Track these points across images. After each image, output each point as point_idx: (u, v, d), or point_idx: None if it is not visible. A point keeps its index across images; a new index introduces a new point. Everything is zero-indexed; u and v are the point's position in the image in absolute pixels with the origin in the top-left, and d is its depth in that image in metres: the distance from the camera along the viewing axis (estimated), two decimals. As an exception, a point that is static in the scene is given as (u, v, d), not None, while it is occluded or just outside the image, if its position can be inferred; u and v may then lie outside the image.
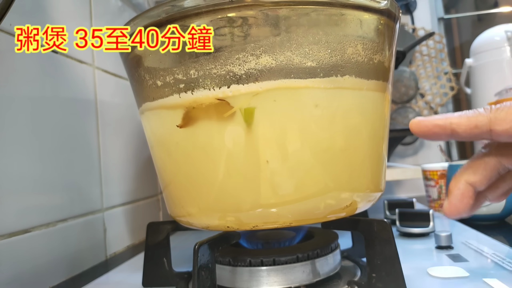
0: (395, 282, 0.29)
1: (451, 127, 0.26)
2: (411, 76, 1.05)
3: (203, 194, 0.29)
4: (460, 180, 0.27)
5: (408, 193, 1.01)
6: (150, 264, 0.37)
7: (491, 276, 0.32)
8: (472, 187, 0.27)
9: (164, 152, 0.32)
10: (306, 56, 0.27)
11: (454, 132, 0.26)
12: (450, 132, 0.26)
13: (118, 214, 0.57)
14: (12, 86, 0.38)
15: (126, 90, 0.60)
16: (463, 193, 0.27)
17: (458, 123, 0.26)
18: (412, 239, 0.48)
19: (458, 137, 0.27)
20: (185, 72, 0.28)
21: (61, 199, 0.45)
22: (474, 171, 0.27)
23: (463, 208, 0.27)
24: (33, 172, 0.41)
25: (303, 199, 0.28)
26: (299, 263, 0.32)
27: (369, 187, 0.31)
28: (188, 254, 0.38)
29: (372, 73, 0.29)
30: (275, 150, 0.27)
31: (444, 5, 1.18)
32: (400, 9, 0.32)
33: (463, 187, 0.27)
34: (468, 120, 0.26)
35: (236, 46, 0.26)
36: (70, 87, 0.47)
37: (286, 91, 0.27)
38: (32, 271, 0.40)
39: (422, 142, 1.10)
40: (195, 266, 0.27)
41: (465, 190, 0.27)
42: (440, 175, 0.68)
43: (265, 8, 0.26)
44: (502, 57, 0.87)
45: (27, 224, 0.39)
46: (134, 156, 0.62)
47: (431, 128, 0.27)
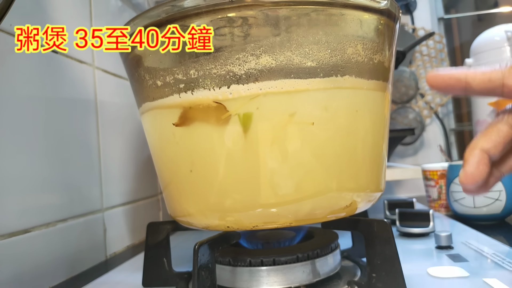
0: (395, 282, 0.29)
1: (466, 79, 0.27)
2: (411, 76, 1.05)
3: (203, 194, 0.29)
4: (474, 148, 0.27)
5: (408, 193, 1.01)
6: (150, 264, 0.37)
7: (491, 276, 0.32)
8: (487, 154, 0.27)
9: (164, 152, 0.32)
10: (306, 56, 0.27)
11: (468, 86, 0.27)
12: (464, 85, 0.27)
13: (118, 214, 0.57)
14: (12, 86, 0.38)
15: (126, 90, 0.60)
16: (479, 160, 0.27)
17: (473, 76, 0.27)
18: (412, 239, 0.48)
19: (472, 91, 0.27)
20: (185, 72, 0.28)
21: (61, 199, 0.45)
22: (488, 138, 0.27)
23: (479, 175, 0.26)
24: (33, 172, 0.41)
25: (303, 199, 0.28)
26: (299, 263, 0.32)
27: (369, 187, 0.31)
28: (188, 254, 0.38)
29: (372, 73, 0.29)
30: (275, 150, 0.27)
31: (444, 5, 1.18)
32: (400, 9, 0.32)
33: (478, 154, 0.27)
34: (483, 74, 0.26)
35: (236, 46, 0.26)
36: (70, 87, 0.47)
37: (285, 91, 0.27)
38: (32, 271, 0.40)
39: (422, 142, 1.10)
40: (195, 266, 0.27)
41: (480, 157, 0.27)
42: (440, 175, 0.68)
43: (265, 8, 0.26)
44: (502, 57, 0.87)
45: (27, 224, 0.39)
46: (134, 156, 0.62)
47: (447, 80, 0.27)
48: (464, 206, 0.59)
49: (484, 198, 0.58)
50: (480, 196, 0.58)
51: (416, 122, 1.07)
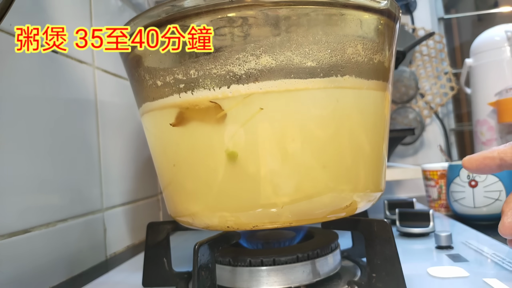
0: (395, 282, 0.29)
1: (499, 156, 0.29)
2: (411, 76, 1.05)
3: (203, 194, 0.29)
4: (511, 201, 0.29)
5: (408, 193, 1.01)
6: (150, 264, 0.37)
7: (491, 276, 0.32)
8: None
9: (164, 152, 0.32)
10: (306, 56, 0.27)
11: (503, 161, 0.29)
12: (499, 162, 0.30)
13: (118, 214, 0.57)
14: (12, 86, 0.38)
15: (126, 90, 0.60)
16: None
17: (504, 152, 0.29)
18: (412, 239, 0.48)
19: (507, 166, 0.30)
20: (185, 72, 0.28)
21: (61, 199, 0.45)
22: None
23: None
24: (33, 172, 0.41)
25: (303, 199, 0.28)
26: (299, 263, 0.32)
27: (369, 187, 0.31)
28: (188, 254, 0.38)
29: (372, 73, 0.29)
30: (275, 150, 0.27)
31: (444, 5, 1.18)
32: (400, 9, 0.32)
33: None
34: None
35: (236, 46, 0.26)
36: (70, 87, 0.47)
37: (285, 91, 0.27)
38: (32, 271, 0.40)
39: (422, 142, 1.10)
40: (195, 266, 0.27)
41: None
42: (440, 175, 0.68)
43: (265, 8, 0.26)
44: (502, 57, 0.87)
45: (27, 224, 0.39)
46: (134, 156, 0.62)
47: (482, 161, 0.30)
48: (464, 206, 0.59)
49: (484, 198, 0.58)
50: (480, 196, 0.58)
51: (416, 122, 1.07)
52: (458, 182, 0.60)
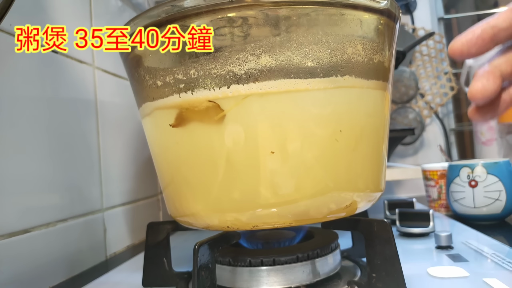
0: (395, 282, 0.29)
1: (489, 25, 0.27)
2: (411, 76, 1.05)
3: (203, 194, 0.29)
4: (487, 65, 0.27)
5: (408, 193, 1.01)
6: (150, 264, 0.37)
7: (491, 276, 0.32)
8: (498, 69, 0.26)
9: (163, 152, 0.32)
10: (306, 56, 0.27)
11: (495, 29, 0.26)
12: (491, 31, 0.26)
13: (118, 214, 0.57)
14: (12, 86, 0.38)
15: (126, 90, 0.60)
16: (489, 71, 0.26)
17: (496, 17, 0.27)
18: (412, 239, 0.48)
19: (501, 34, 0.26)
20: (185, 72, 0.28)
21: (61, 199, 0.45)
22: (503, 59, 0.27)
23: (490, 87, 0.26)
24: (33, 172, 0.41)
25: (303, 199, 0.28)
26: (299, 263, 0.32)
27: (369, 187, 0.31)
28: (188, 254, 0.38)
29: (372, 73, 0.29)
30: (275, 150, 0.27)
31: (444, 5, 1.18)
32: (400, 9, 0.32)
33: (489, 68, 0.26)
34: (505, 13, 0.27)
35: (236, 46, 0.26)
36: (70, 87, 0.47)
37: (285, 91, 0.27)
38: (32, 271, 0.40)
39: (422, 142, 1.10)
40: (195, 266, 0.27)
41: (491, 70, 0.26)
42: (440, 175, 0.68)
43: (265, 8, 0.26)
44: (502, 57, 0.87)
45: (27, 224, 0.39)
46: (134, 156, 0.62)
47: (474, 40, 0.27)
48: (464, 206, 0.59)
49: (484, 198, 0.58)
50: (480, 196, 0.58)
51: (416, 122, 1.07)
52: (458, 182, 0.60)
